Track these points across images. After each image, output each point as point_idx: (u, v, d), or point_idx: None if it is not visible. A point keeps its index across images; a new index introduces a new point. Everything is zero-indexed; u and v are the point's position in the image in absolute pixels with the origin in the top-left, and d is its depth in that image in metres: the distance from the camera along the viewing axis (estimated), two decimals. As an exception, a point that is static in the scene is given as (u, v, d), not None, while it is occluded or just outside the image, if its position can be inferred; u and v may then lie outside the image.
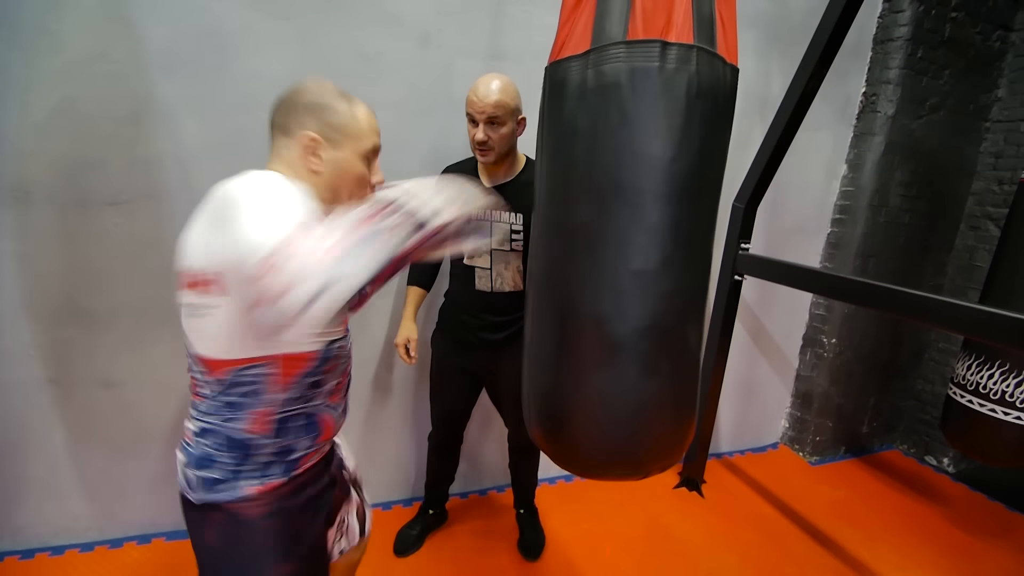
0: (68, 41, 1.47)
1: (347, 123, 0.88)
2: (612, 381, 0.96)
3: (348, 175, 0.90)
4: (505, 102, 1.44)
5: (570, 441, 1.03)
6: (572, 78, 0.92)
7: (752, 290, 2.52)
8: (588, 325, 0.96)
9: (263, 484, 0.88)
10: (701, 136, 0.90)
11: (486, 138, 1.45)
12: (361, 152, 0.90)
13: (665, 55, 0.86)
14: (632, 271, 0.92)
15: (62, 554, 1.76)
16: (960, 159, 2.64)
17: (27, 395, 1.65)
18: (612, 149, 0.90)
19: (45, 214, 1.55)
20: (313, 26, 1.66)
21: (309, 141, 0.86)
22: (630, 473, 1.05)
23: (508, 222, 1.56)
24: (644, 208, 0.90)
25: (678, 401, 1.03)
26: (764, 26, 2.26)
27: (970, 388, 1.90)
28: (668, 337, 0.96)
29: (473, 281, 1.61)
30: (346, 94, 0.91)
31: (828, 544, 2.14)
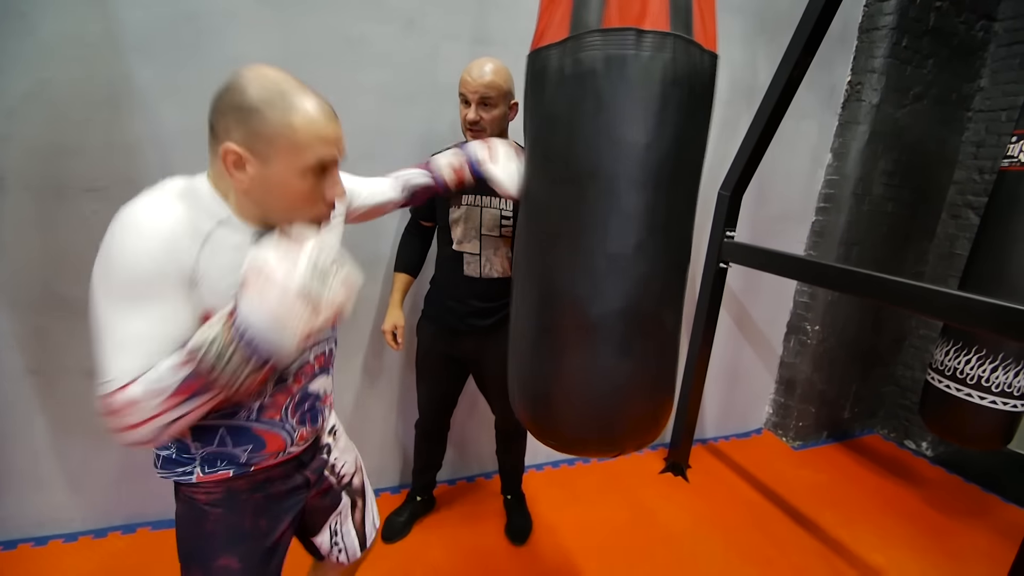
0: (41, 23, 1.43)
1: (278, 133, 0.72)
2: (589, 361, 0.99)
3: (284, 195, 0.76)
4: (498, 84, 1.45)
5: (551, 418, 1.06)
6: (551, 66, 0.93)
7: (737, 278, 2.55)
8: (567, 306, 0.98)
9: (213, 473, 0.88)
10: (676, 123, 0.91)
11: (478, 118, 1.46)
12: (299, 168, 0.74)
13: (640, 43, 0.86)
14: (608, 254, 0.94)
15: (46, 544, 1.74)
16: (943, 148, 2.68)
17: (7, 386, 1.63)
18: (589, 135, 0.91)
19: (20, 201, 1.52)
20: (295, 9, 1.63)
21: (230, 155, 0.72)
22: (606, 449, 1.09)
23: (498, 207, 1.56)
24: (619, 193, 0.92)
25: (653, 382, 1.05)
26: (750, 14, 2.25)
27: (948, 373, 1.94)
28: (644, 319, 0.98)
29: (462, 267, 1.61)
30: (287, 91, 0.73)
31: (809, 526, 2.18)
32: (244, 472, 0.89)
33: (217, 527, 0.90)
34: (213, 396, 0.73)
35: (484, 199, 1.56)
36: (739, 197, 2.21)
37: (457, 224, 1.59)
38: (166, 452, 0.87)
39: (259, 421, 0.88)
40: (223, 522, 0.90)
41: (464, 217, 1.57)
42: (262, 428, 0.89)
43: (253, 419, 0.87)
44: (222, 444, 0.86)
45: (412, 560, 1.83)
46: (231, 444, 0.87)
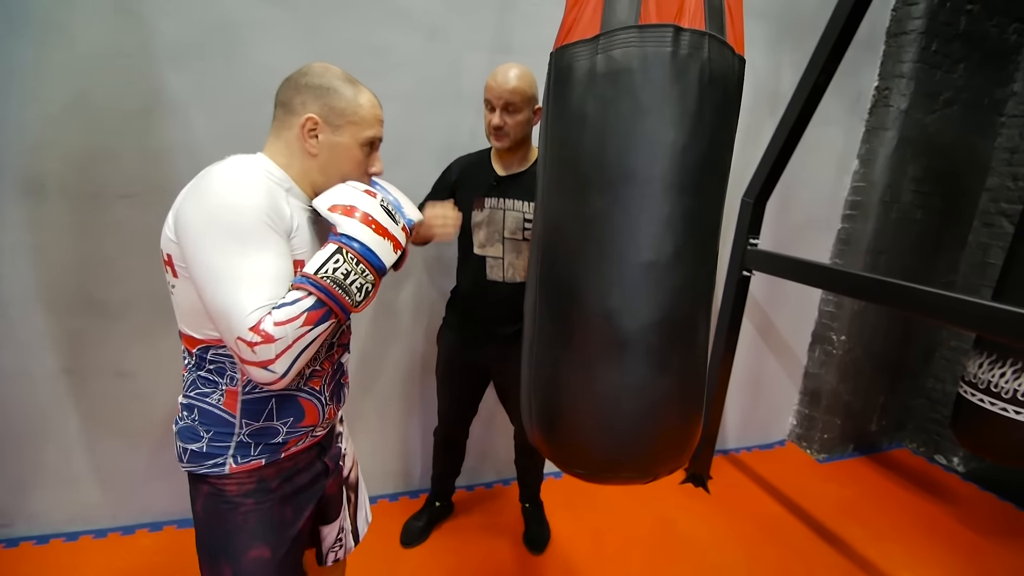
0: (80, 35, 1.49)
1: (350, 108, 0.89)
2: (621, 379, 0.93)
3: (344, 161, 0.91)
4: (523, 89, 1.46)
5: (574, 443, 0.99)
6: (580, 64, 0.90)
7: (761, 286, 2.50)
8: (595, 320, 0.92)
9: (246, 463, 0.90)
10: (712, 124, 0.88)
11: (502, 123, 1.47)
12: (360, 139, 0.91)
13: (678, 40, 0.84)
14: (643, 263, 0.89)
15: (76, 540, 1.79)
16: (974, 154, 2.61)
17: (42, 385, 1.68)
18: (623, 136, 0.87)
19: (58, 206, 1.57)
20: (322, 19, 1.67)
21: (309, 122, 0.86)
22: (638, 476, 1.01)
23: (521, 211, 1.56)
24: (656, 197, 0.87)
25: (687, 399, 1.00)
26: (774, 19, 2.23)
27: (982, 387, 1.88)
28: (679, 332, 0.93)
29: (484, 271, 1.61)
30: (353, 79, 0.92)
31: (836, 542, 2.13)
32: (275, 459, 0.92)
33: (248, 518, 0.91)
34: (330, 324, 0.83)
35: (507, 202, 1.56)
36: (763, 204, 2.19)
37: (480, 227, 1.59)
38: (195, 445, 0.89)
39: (303, 389, 0.94)
40: (255, 513, 0.92)
41: (487, 220, 1.58)
42: (305, 397, 0.94)
43: (301, 385, 0.93)
44: (268, 418, 0.91)
45: (430, 566, 1.83)
46: (276, 417, 0.91)
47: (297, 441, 0.95)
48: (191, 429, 0.90)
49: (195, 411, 0.90)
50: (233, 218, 0.77)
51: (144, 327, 1.72)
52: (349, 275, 0.82)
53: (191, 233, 0.78)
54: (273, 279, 0.79)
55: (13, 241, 1.56)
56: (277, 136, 0.90)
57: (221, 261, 0.76)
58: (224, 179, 0.79)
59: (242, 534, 0.91)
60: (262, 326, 0.75)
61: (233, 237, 0.76)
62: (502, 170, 1.59)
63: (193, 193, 0.79)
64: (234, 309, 0.76)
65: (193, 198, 0.79)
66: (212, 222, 0.77)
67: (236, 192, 0.78)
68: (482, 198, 1.58)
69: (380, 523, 1.94)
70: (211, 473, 0.90)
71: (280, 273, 0.80)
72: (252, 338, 0.75)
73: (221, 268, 0.76)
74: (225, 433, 0.89)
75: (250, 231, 0.77)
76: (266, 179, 0.83)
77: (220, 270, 0.76)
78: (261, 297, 0.77)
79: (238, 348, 0.77)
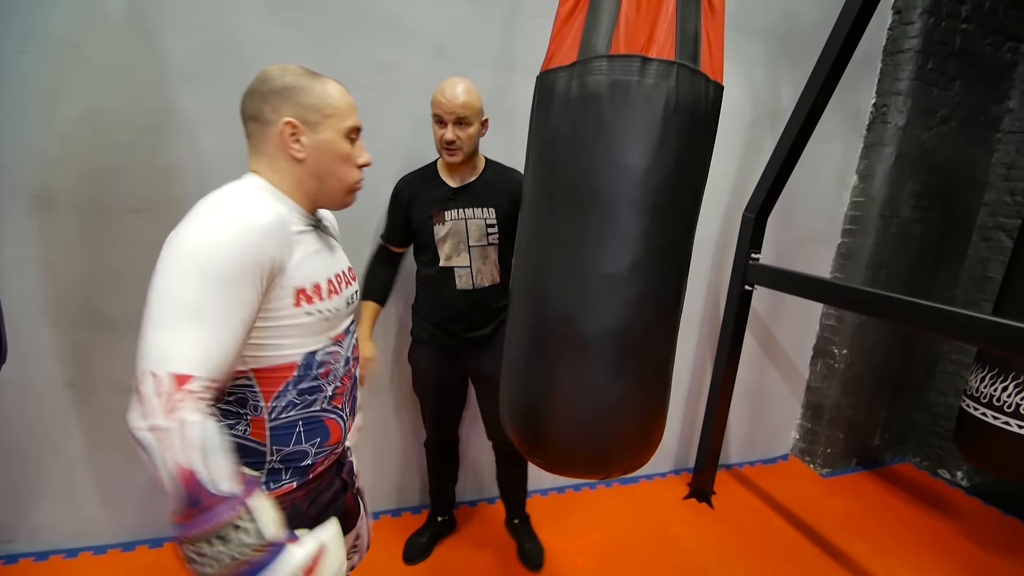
0: (93, 53, 1.51)
1: (322, 102, 0.85)
2: (579, 380, 1.00)
3: (333, 157, 0.87)
4: (472, 103, 1.48)
5: (540, 436, 1.06)
6: (559, 87, 0.97)
7: (762, 300, 2.52)
8: (559, 324, 1.00)
9: (279, 488, 0.89)
10: (677, 149, 0.93)
11: (455, 138, 1.49)
12: (343, 130, 0.87)
13: (644, 70, 0.89)
14: (602, 274, 0.96)
15: (76, 556, 1.78)
16: (972, 170, 2.64)
17: (46, 399, 1.68)
18: (590, 157, 0.93)
19: (67, 221, 1.58)
20: (330, 38, 1.70)
21: (287, 127, 0.82)
22: (593, 470, 1.08)
23: (483, 217, 1.58)
24: (617, 215, 0.94)
25: (644, 403, 1.05)
26: (774, 38, 2.27)
27: (984, 400, 1.88)
28: (635, 340, 0.99)
29: (453, 282, 1.61)
30: (314, 73, 0.87)
31: (840, 557, 2.11)
32: (304, 481, 0.91)
33: None
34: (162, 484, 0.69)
35: (467, 211, 1.58)
36: (764, 219, 2.21)
37: (444, 241, 1.59)
38: None
39: (327, 409, 0.92)
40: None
41: (450, 232, 1.58)
42: (329, 417, 0.93)
43: (325, 407, 0.92)
44: (298, 442, 0.89)
45: (433, 582, 1.82)
46: (304, 440, 0.89)
47: (323, 460, 0.95)
48: None
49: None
50: (218, 256, 0.71)
51: (149, 341, 1.72)
52: (202, 555, 0.68)
53: (165, 256, 0.73)
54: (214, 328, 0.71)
55: (22, 255, 1.57)
56: (258, 152, 0.86)
57: (174, 288, 0.70)
58: (227, 211, 0.75)
59: None
60: (180, 410, 0.66)
61: (198, 271, 0.71)
62: (454, 182, 1.61)
63: (183, 223, 0.75)
64: (166, 344, 0.68)
65: (181, 227, 0.75)
66: (186, 250, 0.72)
67: (232, 228, 0.73)
68: (441, 212, 1.58)
69: (383, 539, 1.93)
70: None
71: (227, 330, 0.72)
72: (166, 391, 0.66)
73: (170, 294, 0.70)
74: (256, 462, 0.86)
75: (220, 272, 0.71)
76: (276, 210, 0.79)
77: (168, 294, 0.70)
78: (198, 346, 0.69)
79: (142, 378, 0.68)
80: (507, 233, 1.58)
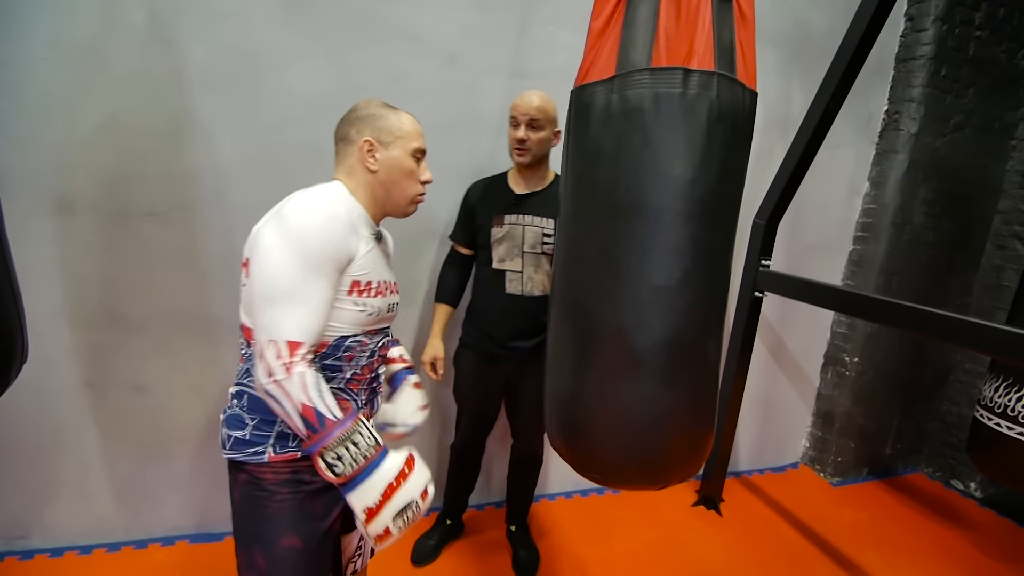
0: (114, 60, 1.55)
1: (395, 126, 1.03)
2: (632, 392, 0.99)
3: (399, 170, 1.03)
4: (546, 109, 1.56)
5: (591, 449, 1.06)
6: (597, 102, 0.97)
7: (773, 307, 2.51)
8: (610, 337, 0.99)
9: (284, 453, 0.96)
10: (721, 158, 0.94)
11: (526, 137, 1.56)
12: (410, 150, 1.04)
13: (687, 81, 0.90)
14: (653, 286, 0.95)
15: (90, 553, 1.80)
16: (986, 177, 2.61)
17: (63, 398, 1.71)
18: (635, 170, 0.94)
19: (87, 224, 1.62)
20: (343, 46, 1.72)
21: (367, 144, 1.01)
22: (650, 482, 1.08)
23: (540, 226, 1.62)
24: (665, 226, 0.94)
25: (696, 413, 1.05)
26: (786, 45, 2.27)
27: (998, 411, 1.86)
28: (687, 350, 0.99)
29: (503, 285, 1.65)
30: (392, 106, 1.06)
31: (850, 568, 2.09)
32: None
33: (282, 507, 0.97)
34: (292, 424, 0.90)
35: (526, 218, 1.62)
36: (775, 226, 2.20)
37: (500, 243, 1.64)
38: (240, 433, 0.97)
39: (343, 389, 1.01)
40: (288, 503, 0.97)
41: (507, 235, 1.63)
42: (343, 396, 1.01)
43: (342, 386, 1.01)
44: None
45: (441, 585, 1.82)
46: None
47: None
48: (237, 417, 0.98)
49: (244, 397, 0.99)
50: (303, 244, 0.88)
51: (162, 343, 1.75)
52: (341, 458, 0.88)
53: (265, 246, 0.90)
54: (312, 307, 0.90)
55: (42, 256, 1.60)
56: (341, 164, 1.04)
57: (280, 274, 0.88)
58: (305, 208, 0.91)
59: (276, 522, 0.97)
60: (295, 358, 0.87)
61: (297, 258, 0.88)
62: (520, 189, 1.66)
63: (275, 215, 0.92)
64: (280, 318, 0.87)
65: (275, 220, 0.91)
66: (284, 242, 0.88)
67: (312, 222, 0.89)
68: (501, 216, 1.63)
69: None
70: (251, 461, 0.96)
71: (318, 304, 0.91)
72: (284, 355, 0.86)
73: (279, 279, 0.88)
74: (268, 422, 0.97)
75: (313, 259, 0.89)
76: (345, 209, 0.95)
77: (278, 280, 0.88)
78: (295, 318, 0.88)
79: (265, 347, 0.87)
80: None
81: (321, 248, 0.89)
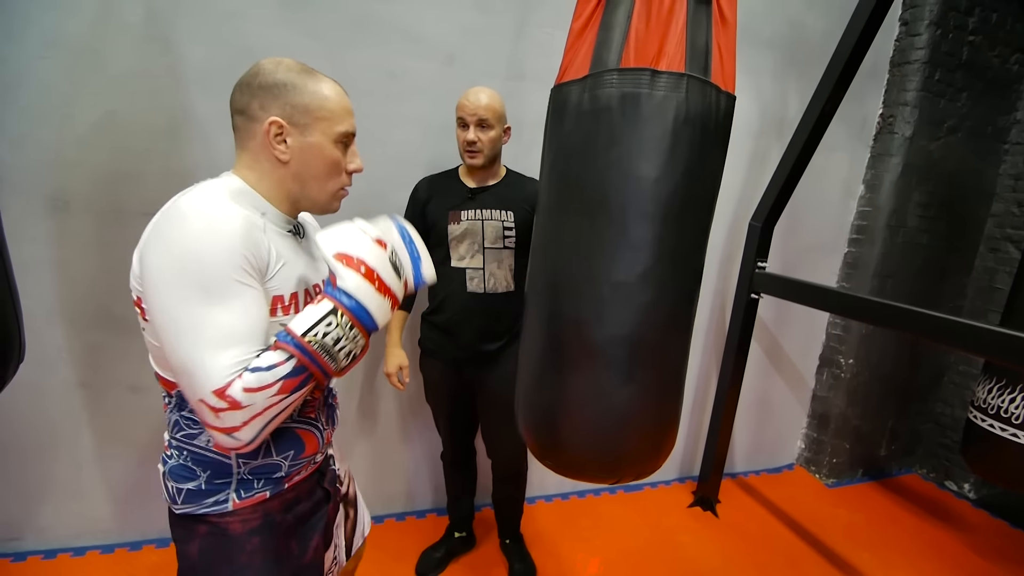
0: (111, 59, 1.54)
1: (314, 103, 0.79)
2: (590, 385, 1.01)
3: (319, 162, 0.82)
4: (494, 107, 1.53)
5: (552, 440, 1.09)
6: (571, 100, 0.99)
7: (769, 309, 2.52)
8: (571, 330, 1.02)
9: (250, 497, 0.84)
10: (687, 159, 0.95)
11: (476, 139, 1.52)
12: (334, 136, 0.82)
13: (654, 83, 0.91)
14: (613, 282, 0.97)
15: (83, 555, 1.79)
16: (979, 181, 2.64)
17: (58, 398, 1.70)
18: (601, 168, 0.96)
19: (82, 223, 1.61)
20: (341, 45, 1.72)
21: (273, 127, 0.78)
22: (604, 475, 1.10)
23: (500, 219, 1.58)
24: (627, 223, 0.95)
25: (655, 411, 1.07)
26: (781, 48, 2.29)
27: (991, 412, 1.87)
28: (645, 347, 1.01)
29: (464, 283, 1.60)
30: (311, 70, 0.82)
31: (845, 568, 2.10)
32: (279, 491, 0.88)
33: (255, 557, 0.84)
34: (307, 390, 0.77)
35: (485, 212, 1.58)
36: (771, 228, 2.21)
37: (460, 241, 1.59)
38: (192, 484, 0.83)
39: (300, 420, 0.89)
40: (261, 550, 0.85)
41: (467, 232, 1.58)
42: (302, 428, 0.89)
43: (296, 418, 0.88)
44: (267, 455, 0.84)
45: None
46: (274, 452, 0.85)
47: (300, 471, 0.91)
48: (184, 468, 0.83)
49: (185, 453, 0.84)
50: (199, 267, 0.69)
51: (160, 342, 1.74)
52: (340, 341, 0.75)
53: (154, 279, 0.71)
54: (243, 334, 0.72)
55: (37, 256, 1.59)
56: (243, 148, 0.82)
57: (184, 313, 0.69)
58: (192, 219, 0.70)
59: (247, 573, 0.84)
60: (229, 391, 0.69)
61: (198, 287, 0.69)
62: (473, 184, 1.62)
63: (157, 235, 0.72)
64: (197, 369, 0.69)
65: (156, 241, 0.71)
66: (176, 270, 0.69)
67: (205, 235, 0.70)
68: (457, 211, 1.58)
69: (389, 545, 1.94)
70: (212, 512, 0.82)
71: (252, 327, 0.73)
72: (216, 403, 0.69)
73: (184, 321, 0.70)
74: (223, 472, 0.83)
75: (219, 281, 0.70)
76: (241, 210, 0.75)
77: (183, 323, 0.70)
78: (228, 358, 0.70)
79: (200, 410, 0.71)
80: (524, 240, 1.59)
81: (226, 262, 0.70)
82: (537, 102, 1.83)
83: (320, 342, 0.74)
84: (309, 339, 0.73)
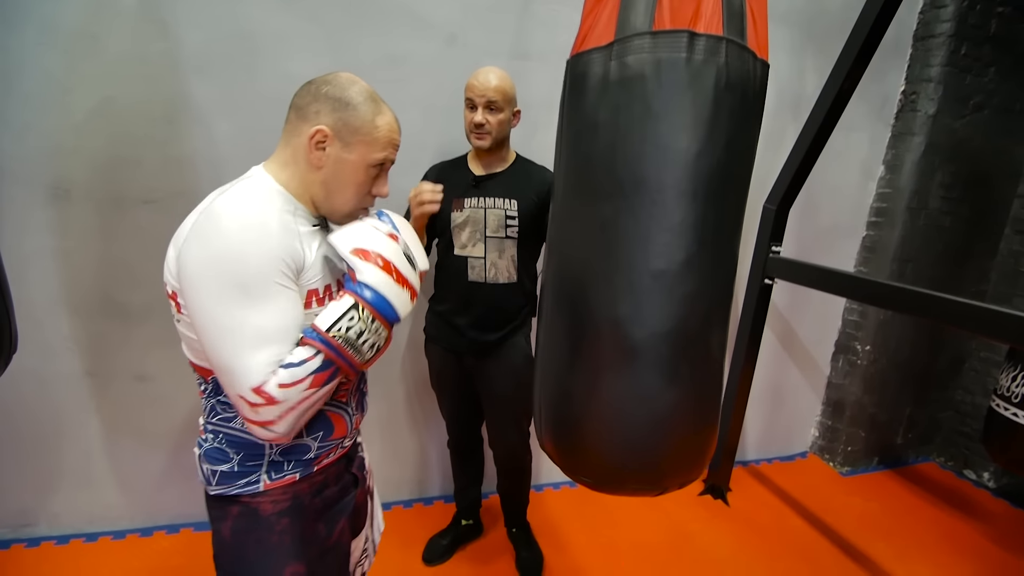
0: (108, 44, 1.52)
1: (365, 127, 0.85)
2: (629, 388, 0.90)
3: (348, 179, 0.86)
4: (504, 89, 1.49)
5: (582, 450, 0.98)
6: (594, 70, 0.88)
7: (783, 294, 2.45)
8: (604, 328, 0.91)
9: (280, 479, 0.88)
10: (728, 131, 0.86)
11: (484, 121, 1.49)
12: (370, 160, 0.86)
13: (693, 46, 0.81)
14: (653, 271, 0.87)
15: (95, 541, 1.81)
16: (1006, 160, 2.53)
17: (65, 387, 1.71)
18: (634, 143, 0.85)
19: (83, 211, 1.60)
20: (342, 28, 1.68)
21: (319, 134, 0.83)
22: (646, 488, 1.00)
23: (503, 208, 1.54)
24: (667, 204, 0.85)
25: (699, 411, 0.97)
26: (798, 22, 2.20)
27: (1015, 400, 1.81)
28: (690, 342, 0.91)
29: (466, 272, 1.58)
30: (376, 98, 0.87)
31: (860, 558, 2.06)
32: (308, 473, 0.91)
33: (284, 537, 0.88)
34: (336, 383, 0.82)
35: (487, 200, 1.55)
36: (786, 211, 2.14)
37: (462, 229, 1.56)
38: (225, 466, 0.87)
39: (331, 403, 0.92)
40: (291, 531, 0.89)
41: (468, 220, 1.55)
42: (333, 411, 0.93)
43: (329, 401, 0.91)
44: (298, 436, 0.88)
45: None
46: (305, 433, 0.89)
47: (328, 454, 0.94)
48: (218, 451, 0.88)
49: (220, 436, 0.88)
50: (239, 268, 0.73)
51: (164, 331, 1.72)
52: (363, 334, 0.80)
53: (194, 280, 0.74)
54: (279, 334, 0.76)
55: (39, 245, 1.59)
56: (287, 142, 0.86)
57: (224, 314, 0.74)
58: (231, 221, 0.74)
59: (278, 553, 0.88)
60: (265, 388, 0.74)
61: (238, 289, 0.73)
62: (480, 170, 1.59)
63: (197, 236, 0.75)
64: (236, 366, 0.74)
65: (197, 242, 0.75)
66: (217, 271, 0.73)
67: (245, 239, 0.74)
68: (460, 199, 1.55)
69: (396, 531, 1.93)
70: (244, 492, 0.87)
71: (288, 326, 0.78)
72: (254, 399, 0.74)
73: (224, 322, 0.74)
74: (255, 454, 0.87)
75: (257, 283, 0.74)
76: (277, 213, 0.79)
77: (223, 324, 0.74)
78: (265, 356, 0.75)
79: (239, 405, 0.77)
80: (528, 231, 1.55)
81: (264, 264, 0.74)
82: (543, 82, 1.79)
83: (344, 336, 0.78)
84: (333, 334, 0.78)
